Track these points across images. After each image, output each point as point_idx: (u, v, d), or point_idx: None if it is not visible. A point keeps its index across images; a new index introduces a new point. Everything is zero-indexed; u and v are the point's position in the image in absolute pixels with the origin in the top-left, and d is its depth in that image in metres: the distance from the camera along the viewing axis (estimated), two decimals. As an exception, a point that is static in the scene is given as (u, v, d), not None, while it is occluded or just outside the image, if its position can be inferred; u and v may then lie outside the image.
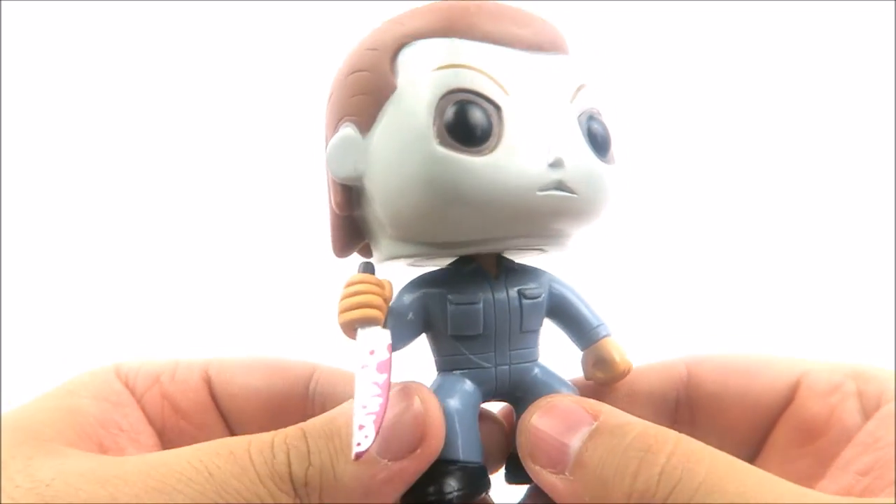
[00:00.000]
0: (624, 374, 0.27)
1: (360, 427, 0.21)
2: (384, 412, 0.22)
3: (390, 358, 0.23)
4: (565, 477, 0.22)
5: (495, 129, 0.23)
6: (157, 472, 0.21)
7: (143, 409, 0.29)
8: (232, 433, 0.30)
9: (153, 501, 0.21)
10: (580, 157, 0.24)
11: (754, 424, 0.28)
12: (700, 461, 0.20)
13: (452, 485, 0.24)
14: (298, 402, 0.30)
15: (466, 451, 0.25)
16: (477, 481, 0.25)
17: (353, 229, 0.26)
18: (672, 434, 0.22)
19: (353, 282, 0.24)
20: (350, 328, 0.24)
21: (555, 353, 0.28)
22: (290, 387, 0.30)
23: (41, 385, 0.28)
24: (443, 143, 0.22)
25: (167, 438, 0.30)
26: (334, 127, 0.25)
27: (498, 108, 0.23)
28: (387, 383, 0.22)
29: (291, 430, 0.23)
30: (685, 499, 0.20)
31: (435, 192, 0.23)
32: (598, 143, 0.25)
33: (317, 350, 0.32)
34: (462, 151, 0.22)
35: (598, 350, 0.27)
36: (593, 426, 0.22)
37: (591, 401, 0.24)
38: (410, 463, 0.23)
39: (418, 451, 0.23)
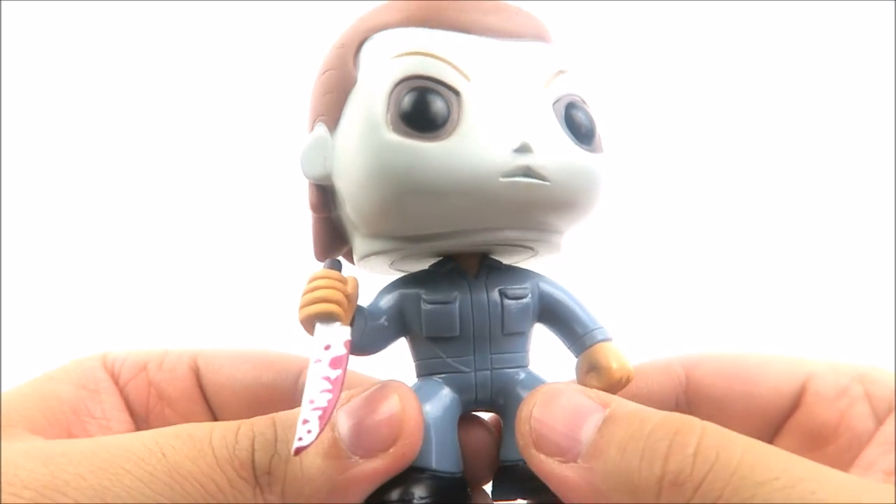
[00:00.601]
0: (621, 382, 0.25)
1: (304, 422, 0.20)
2: (332, 408, 0.21)
3: (346, 355, 0.22)
4: (577, 465, 0.21)
5: (453, 115, 0.22)
6: (107, 452, 0.21)
7: (127, 397, 0.29)
8: (218, 423, 0.30)
9: (98, 481, 0.20)
10: (553, 144, 0.23)
11: (758, 430, 0.27)
12: (734, 442, 0.19)
13: (418, 493, 0.22)
14: (286, 395, 0.29)
15: (440, 459, 0.23)
16: (448, 493, 0.23)
17: (332, 231, 0.26)
18: (696, 419, 0.20)
19: (314, 277, 0.23)
20: (309, 323, 0.23)
21: (556, 363, 0.27)
22: (279, 380, 0.30)
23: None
24: (396, 130, 0.22)
25: (150, 426, 0.29)
26: (311, 128, 0.25)
27: (457, 93, 0.22)
28: (339, 380, 0.21)
29: (261, 419, 0.22)
30: (724, 478, 0.19)
31: (389, 181, 0.22)
32: (579, 131, 0.23)
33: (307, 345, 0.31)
34: (416, 138, 0.22)
35: (592, 355, 0.25)
36: (605, 413, 0.21)
37: (594, 390, 0.23)
38: (382, 462, 0.22)
39: (392, 450, 0.22)
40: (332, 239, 0.26)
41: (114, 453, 0.21)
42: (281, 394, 0.29)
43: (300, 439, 0.20)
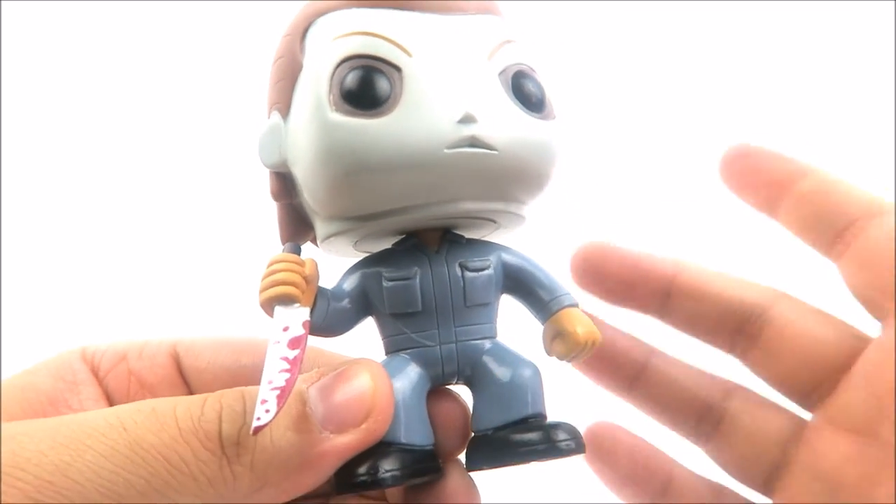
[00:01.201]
0: (586, 346, 0.24)
1: (263, 402, 0.21)
2: (291, 388, 0.21)
3: (305, 335, 0.23)
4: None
5: (394, 90, 0.22)
6: (67, 429, 0.21)
7: (107, 387, 0.29)
8: (199, 409, 0.30)
9: (58, 456, 0.20)
10: (499, 113, 0.23)
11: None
12: None
13: (387, 466, 0.23)
14: None
15: (409, 433, 0.24)
16: (417, 464, 0.23)
17: (296, 218, 0.26)
18: None
19: (272, 261, 0.24)
20: (268, 306, 0.23)
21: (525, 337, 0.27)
22: (258, 364, 0.29)
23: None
24: (339, 109, 0.22)
25: None
26: (268, 118, 0.25)
27: (398, 69, 0.22)
28: (297, 359, 0.22)
29: (230, 392, 0.22)
30: None
31: (335, 160, 0.22)
32: (528, 99, 0.24)
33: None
34: (358, 116, 0.22)
35: (558, 321, 0.25)
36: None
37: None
38: (354, 437, 0.22)
39: (363, 425, 0.22)
40: (297, 225, 0.26)
41: (74, 429, 0.21)
42: (261, 376, 0.29)
43: (258, 419, 0.20)
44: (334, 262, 0.27)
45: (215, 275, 0.55)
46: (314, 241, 0.26)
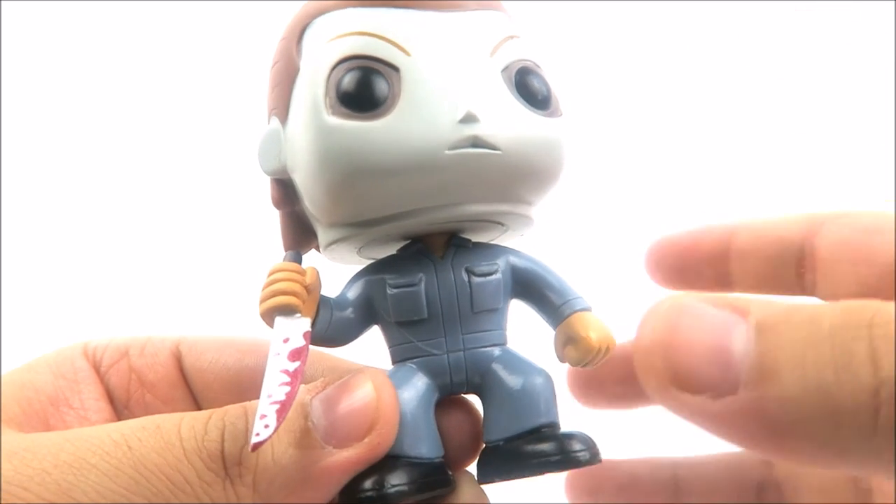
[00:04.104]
0: (600, 352, 0.23)
1: (262, 416, 0.20)
2: (291, 402, 0.20)
3: (306, 346, 0.22)
4: (739, 397, 0.16)
5: (393, 91, 0.21)
6: (72, 445, 0.20)
7: (108, 383, 0.29)
8: (199, 409, 0.30)
9: (62, 476, 0.20)
10: (502, 111, 0.22)
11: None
12: None
13: (394, 481, 0.22)
14: None
15: (416, 446, 0.23)
16: (425, 478, 0.23)
17: (299, 225, 0.25)
18: (877, 302, 0.16)
19: (273, 270, 0.23)
20: (269, 316, 0.23)
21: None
22: (261, 365, 0.29)
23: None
24: (335, 112, 0.21)
25: (132, 412, 0.29)
26: (267, 124, 0.24)
27: (396, 69, 0.22)
28: (298, 371, 0.21)
29: (232, 408, 0.22)
30: None
31: (333, 165, 0.21)
32: (533, 96, 0.23)
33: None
34: (355, 118, 0.21)
35: (570, 326, 0.24)
36: (751, 322, 0.17)
37: (720, 299, 0.18)
38: (357, 452, 0.21)
39: (367, 439, 0.21)
40: (299, 233, 0.25)
41: (79, 447, 0.20)
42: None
43: (257, 434, 0.20)
44: (338, 269, 0.26)
45: (221, 272, 0.55)
46: (318, 248, 0.26)
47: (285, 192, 0.24)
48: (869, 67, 0.59)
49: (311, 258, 0.26)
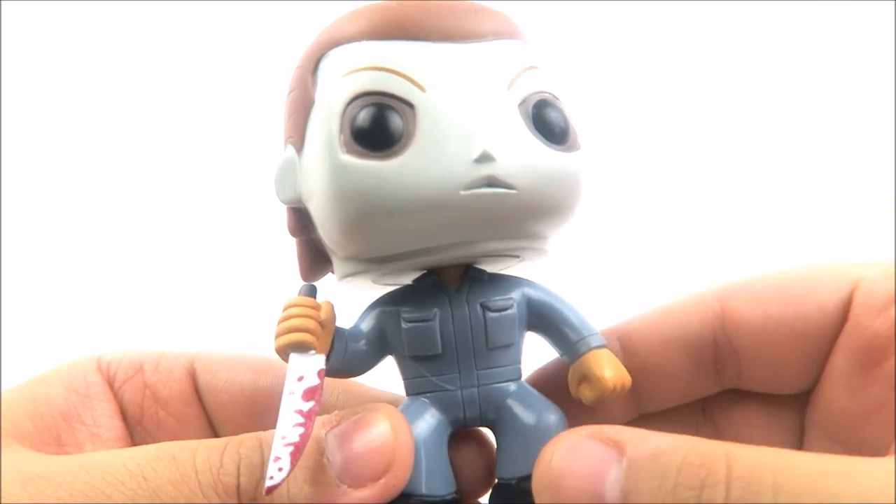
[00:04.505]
0: (615, 391, 0.23)
1: (276, 459, 0.20)
2: (305, 443, 0.20)
3: (320, 385, 0.22)
4: None
5: (407, 129, 0.21)
6: (87, 474, 0.20)
7: (122, 399, 0.29)
8: (213, 428, 0.30)
9: None
10: (519, 148, 0.22)
11: (807, 354, 0.25)
12: (761, 466, 0.18)
13: None
14: None
15: (430, 483, 0.23)
16: None
17: (315, 253, 0.25)
18: (718, 445, 0.19)
19: (287, 305, 0.23)
20: (283, 353, 0.23)
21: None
22: (278, 384, 0.29)
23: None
24: (349, 150, 0.21)
25: (145, 429, 0.29)
26: (284, 150, 0.24)
27: (411, 106, 0.21)
28: (312, 412, 0.21)
29: (247, 439, 0.22)
30: None
31: (347, 204, 0.21)
32: (550, 130, 0.22)
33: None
34: (368, 157, 0.21)
35: (585, 364, 0.24)
36: (623, 463, 0.19)
37: (607, 428, 0.21)
38: (373, 492, 0.21)
39: (383, 480, 0.21)
40: (316, 260, 0.25)
41: (94, 475, 0.20)
42: (279, 399, 0.29)
43: (271, 478, 0.20)
44: (353, 293, 0.26)
45: (236, 282, 0.55)
46: (333, 271, 0.26)
47: (301, 220, 0.24)
48: (869, 67, 0.58)
49: (326, 283, 0.26)
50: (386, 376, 0.26)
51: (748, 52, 0.59)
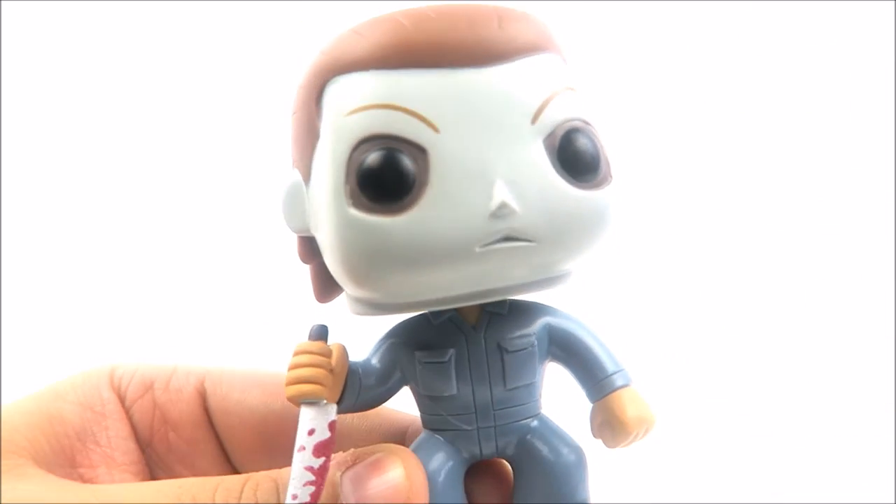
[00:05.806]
0: (637, 436, 0.22)
1: None
2: (316, 502, 0.20)
3: (331, 438, 0.21)
4: None
5: (419, 179, 0.19)
6: None
7: (132, 419, 0.29)
8: (223, 450, 0.29)
9: None
10: (542, 194, 0.20)
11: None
12: None
13: None
14: (295, 424, 0.29)
15: None
16: None
17: (327, 277, 0.23)
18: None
19: (297, 352, 0.22)
20: (294, 402, 0.22)
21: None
22: (290, 407, 0.29)
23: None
24: (355, 203, 0.19)
25: (154, 450, 0.29)
26: (291, 170, 0.23)
27: (423, 150, 0.19)
28: (323, 469, 0.21)
29: (263, 480, 0.22)
30: None
31: (353, 259, 0.20)
32: (580, 164, 0.20)
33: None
34: (376, 213, 0.19)
35: (607, 405, 0.23)
36: None
37: None
38: None
39: None
40: (329, 282, 0.24)
41: None
42: (291, 423, 0.28)
43: None
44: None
45: (248, 287, 0.54)
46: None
47: (311, 248, 0.23)
48: (869, 67, 0.58)
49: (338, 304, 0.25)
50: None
51: (748, 51, 0.59)
